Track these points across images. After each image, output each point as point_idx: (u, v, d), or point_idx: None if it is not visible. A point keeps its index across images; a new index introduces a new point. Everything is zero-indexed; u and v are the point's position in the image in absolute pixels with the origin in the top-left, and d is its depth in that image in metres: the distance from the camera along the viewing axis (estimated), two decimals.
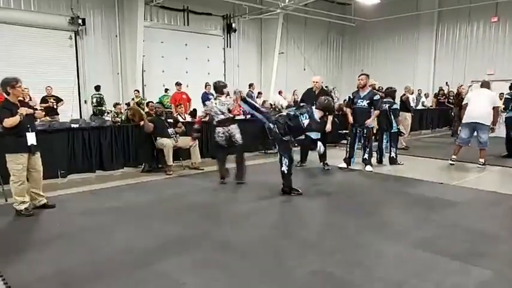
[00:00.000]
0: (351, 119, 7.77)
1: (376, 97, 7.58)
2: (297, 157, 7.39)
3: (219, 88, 6.62)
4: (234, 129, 6.53)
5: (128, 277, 3.32)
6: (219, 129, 6.49)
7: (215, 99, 6.63)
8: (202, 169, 7.74)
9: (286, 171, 5.79)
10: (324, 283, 3.25)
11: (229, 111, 6.49)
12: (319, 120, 5.71)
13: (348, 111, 7.96)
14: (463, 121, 8.04)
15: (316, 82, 7.61)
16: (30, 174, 5.04)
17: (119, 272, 3.41)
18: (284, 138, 5.72)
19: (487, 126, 7.68)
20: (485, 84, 8.18)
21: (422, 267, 3.49)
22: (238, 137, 6.52)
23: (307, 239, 4.19)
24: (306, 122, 5.56)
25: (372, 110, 7.56)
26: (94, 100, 12.65)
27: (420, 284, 3.21)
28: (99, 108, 12.46)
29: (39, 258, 3.70)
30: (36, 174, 5.12)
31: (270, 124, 5.71)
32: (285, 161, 5.77)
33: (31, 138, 4.94)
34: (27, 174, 5.00)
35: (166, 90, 12.99)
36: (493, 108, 7.66)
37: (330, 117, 7.42)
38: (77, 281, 3.26)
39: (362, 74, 7.74)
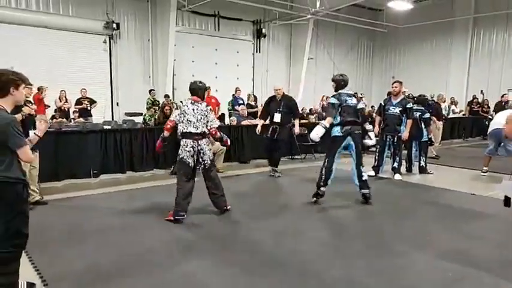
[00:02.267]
0: (377, 128, 7.70)
1: (409, 105, 7.50)
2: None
3: (198, 91, 5.21)
4: (204, 145, 5.01)
5: (154, 276, 3.40)
6: (187, 141, 4.94)
7: (192, 103, 5.05)
8: (222, 171, 7.80)
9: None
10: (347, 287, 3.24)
11: (209, 130, 5.03)
12: None
13: (378, 118, 7.89)
14: (489, 131, 7.89)
15: (279, 89, 7.64)
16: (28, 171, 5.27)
17: (145, 271, 3.50)
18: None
19: None
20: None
21: (450, 278, 3.43)
22: (208, 156, 5.03)
23: (333, 245, 4.18)
24: None
25: (403, 117, 7.45)
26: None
27: None
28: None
29: (71, 254, 3.85)
30: (34, 171, 5.34)
31: None
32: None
33: None
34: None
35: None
36: None
37: (297, 121, 7.78)
38: (105, 276, 3.38)
39: (396, 81, 7.66)
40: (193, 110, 4.98)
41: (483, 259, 3.83)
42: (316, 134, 5.58)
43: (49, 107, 10.92)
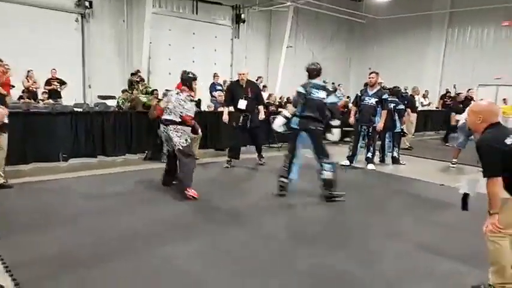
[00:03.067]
0: (352, 118, 7.76)
1: (385, 96, 7.56)
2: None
3: (187, 81, 5.60)
4: (172, 131, 5.30)
5: (129, 261, 3.33)
6: (161, 127, 5.56)
7: (177, 93, 5.49)
8: (198, 158, 7.71)
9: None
10: (324, 276, 3.26)
11: (181, 117, 5.30)
12: None
13: (353, 109, 7.94)
14: (459, 124, 8.07)
15: (244, 74, 7.32)
16: None
17: (120, 256, 3.42)
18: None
19: None
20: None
21: (422, 266, 3.51)
22: (176, 140, 5.28)
23: (308, 235, 4.19)
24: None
25: (378, 108, 7.53)
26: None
27: (420, 282, 3.23)
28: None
29: (40, 240, 3.71)
30: (1, 153, 5.19)
31: None
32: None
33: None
34: None
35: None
36: None
37: (261, 107, 7.54)
38: (77, 262, 3.28)
39: (372, 72, 7.70)
40: (174, 99, 5.36)
41: (452, 247, 3.92)
42: (277, 123, 5.51)
43: (13, 87, 10.46)
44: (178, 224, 4.32)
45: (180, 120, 5.31)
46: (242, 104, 7.18)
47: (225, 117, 7.40)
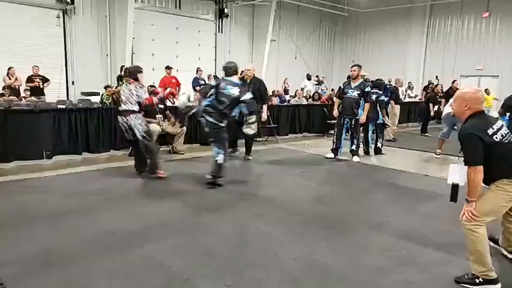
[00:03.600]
0: (336, 111, 7.83)
1: (368, 88, 7.62)
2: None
3: (133, 73, 5.91)
4: (133, 119, 5.66)
5: (112, 259, 3.32)
6: (119, 119, 5.85)
7: (126, 85, 5.97)
8: (183, 153, 7.74)
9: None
10: (309, 269, 3.28)
11: (140, 104, 5.71)
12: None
13: (336, 101, 8.00)
14: (443, 115, 8.21)
15: (249, 70, 7.48)
16: None
17: (104, 253, 3.41)
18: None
19: None
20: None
21: (405, 256, 3.56)
22: (139, 128, 5.67)
23: (292, 227, 4.22)
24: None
25: (361, 101, 7.59)
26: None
27: (404, 271, 3.28)
28: None
29: (23, 238, 3.67)
30: None
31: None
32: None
33: None
34: None
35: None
36: None
37: (265, 107, 7.50)
38: (61, 260, 3.25)
39: (355, 65, 7.74)
40: (124, 90, 5.77)
41: (436, 237, 3.99)
42: (181, 100, 6.20)
43: None
44: (162, 220, 4.31)
45: (138, 108, 5.68)
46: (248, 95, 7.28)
47: None
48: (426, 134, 11.78)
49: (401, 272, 3.27)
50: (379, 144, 8.51)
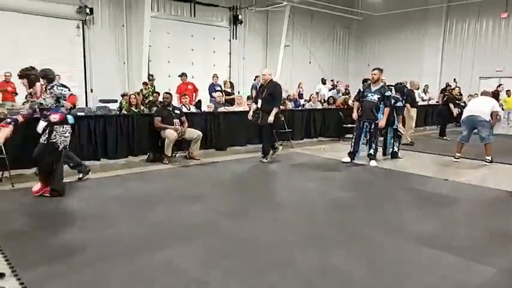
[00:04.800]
0: (355, 114, 7.77)
1: (388, 93, 7.54)
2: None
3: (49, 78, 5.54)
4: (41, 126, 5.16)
5: (131, 263, 3.35)
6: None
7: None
8: (199, 158, 7.79)
9: None
10: (325, 274, 3.26)
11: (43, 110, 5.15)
12: None
13: (356, 104, 7.93)
14: (462, 118, 8.10)
15: (264, 75, 7.79)
16: None
17: (123, 257, 3.44)
18: None
19: (486, 122, 7.66)
20: (485, 93, 8.49)
21: (426, 262, 3.49)
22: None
23: (310, 232, 4.20)
24: None
25: (381, 105, 7.52)
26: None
27: (423, 278, 3.21)
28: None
29: (45, 241, 3.74)
30: None
31: None
32: None
33: None
34: None
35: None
36: (492, 113, 7.70)
37: (274, 110, 7.48)
38: (80, 263, 3.31)
39: (376, 69, 7.65)
40: None
41: (457, 243, 3.91)
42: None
43: (17, 94, 10.56)
44: (180, 224, 4.35)
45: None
46: (259, 103, 7.66)
47: (250, 114, 7.85)
48: (445, 138, 11.59)
49: (420, 279, 3.21)
50: (395, 149, 8.41)
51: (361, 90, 7.80)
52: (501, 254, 3.73)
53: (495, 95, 10.95)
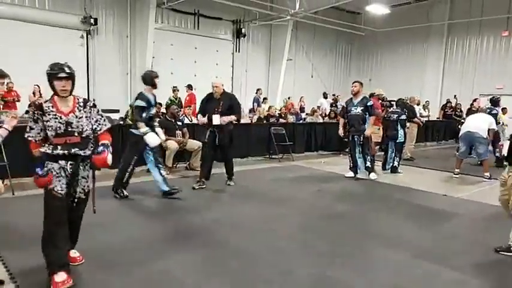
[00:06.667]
0: (341, 130, 7.90)
1: (370, 103, 7.60)
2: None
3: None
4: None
5: (129, 272, 3.36)
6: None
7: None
8: (199, 169, 7.79)
9: None
10: (323, 286, 3.28)
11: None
12: None
13: (341, 121, 8.04)
14: (460, 134, 8.16)
15: (217, 86, 6.68)
16: None
17: (121, 268, 3.46)
18: None
19: (484, 138, 7.73)
20: (482, 110, 8.96)
21: (421, 275, 3.51)
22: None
23: (306, 243, 4.21)
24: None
25: (366, 116, 7.57)
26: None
27: None
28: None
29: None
30: None
31: None
32: None
33: None
34: None
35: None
36: (489, 130, 7.79)
37: (231, 117, 6.59)
38: (78, 271, 3.33)
39: (356, 82, 7.79)
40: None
41: (453, 258, 3.93)
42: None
43: (19, 101, 10.67)
44: (177, 234, 4.36)
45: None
46: (216, 119, 6.42)
47: (202, 120, 6.70)
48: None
49: None
50: (395, 163, 8.45)
51: (345, 106, 7.89)
52: (496, 269, 3.75)
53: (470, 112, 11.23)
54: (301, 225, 4.89)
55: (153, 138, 5.53)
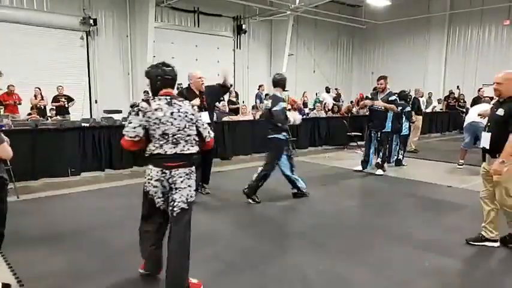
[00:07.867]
0: (368, 101, 7.66)
1: (392, 97, 7.46)
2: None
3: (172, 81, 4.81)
4: (184, 177, 3.09)
5: (137, 272, 3.36)
6: (155, 172, 3.27)
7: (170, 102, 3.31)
8: None
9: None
10: (332, 282, 3.27)
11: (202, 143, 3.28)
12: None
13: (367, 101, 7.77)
14: (464, 125, 8.12)
15: (201, 78, 6.42)
16: None
17: (128, 268, 3.46)
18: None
19: None
20: (485, 101, 8.92)
21: (429, 268, 3.50)
22: (185, 194, 3.10)
23: (314, 240, 4.21)
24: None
25: (388, 113, 7.47)
26: None
27: (428, 284, 3.22)
28: None
29: (51, 252, 3.78)
30: None
31: None
32: None
33: None
34: None
35: None
36: None
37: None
38: (87, 274, 3.34)
39: (381, 77, 7.56)
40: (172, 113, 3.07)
41: (461, 249, 3.93)
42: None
43: (20, 104, 10.68)
44: None
45: (197, 150, 3.11)
46: (204, 116, 5.44)
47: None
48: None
49: (425, 285, 3.22)
50: (400, 156, 8.42)
51: (369, 96, 7.81)
52: (504, 258, 3.73)
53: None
54: (307, 221, 4.88)
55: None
